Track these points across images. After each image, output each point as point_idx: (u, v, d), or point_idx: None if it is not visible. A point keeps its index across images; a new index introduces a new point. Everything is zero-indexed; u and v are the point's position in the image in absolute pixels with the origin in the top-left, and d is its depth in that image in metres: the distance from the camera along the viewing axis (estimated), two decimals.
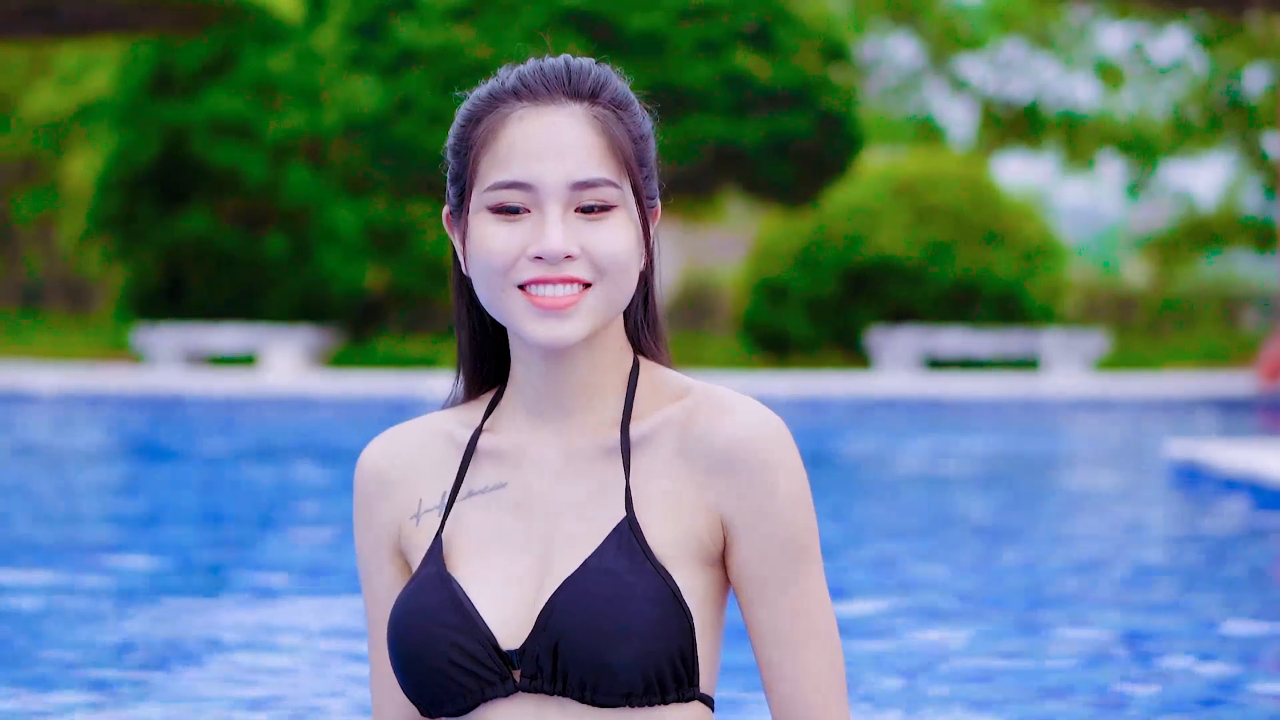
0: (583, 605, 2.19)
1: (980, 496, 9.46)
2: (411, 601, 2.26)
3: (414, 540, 2.33)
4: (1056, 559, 6.84)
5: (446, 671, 2.23)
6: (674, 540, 2.23)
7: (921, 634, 5.00)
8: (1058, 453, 12.73)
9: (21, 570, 6.31)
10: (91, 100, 29.94)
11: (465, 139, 2.26)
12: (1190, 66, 31.03)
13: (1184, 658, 4.68)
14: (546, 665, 2.20)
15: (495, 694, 2.23)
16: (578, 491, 2.28)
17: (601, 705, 2.20)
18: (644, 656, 2.18)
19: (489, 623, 2.24)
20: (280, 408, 14.91)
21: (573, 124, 2.21)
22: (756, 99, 18.27)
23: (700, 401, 2.28)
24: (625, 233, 2.21)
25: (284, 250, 23.03)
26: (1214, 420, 14.80)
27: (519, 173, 2.19)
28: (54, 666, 4.38)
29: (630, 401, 2.30)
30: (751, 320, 22.47)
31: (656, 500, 2.25)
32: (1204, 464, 9.12)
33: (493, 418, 2.36)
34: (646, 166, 2.27)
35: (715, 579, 2.27)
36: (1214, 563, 6.76)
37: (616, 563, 2.20)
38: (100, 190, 23.98)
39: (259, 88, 22.83)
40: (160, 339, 19.63)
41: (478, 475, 2.33)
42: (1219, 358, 23.03)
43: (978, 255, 21.55)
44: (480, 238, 2.21)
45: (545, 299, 2.19)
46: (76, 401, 15.76)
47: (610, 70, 2.29)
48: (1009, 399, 16.43)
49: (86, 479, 10.10)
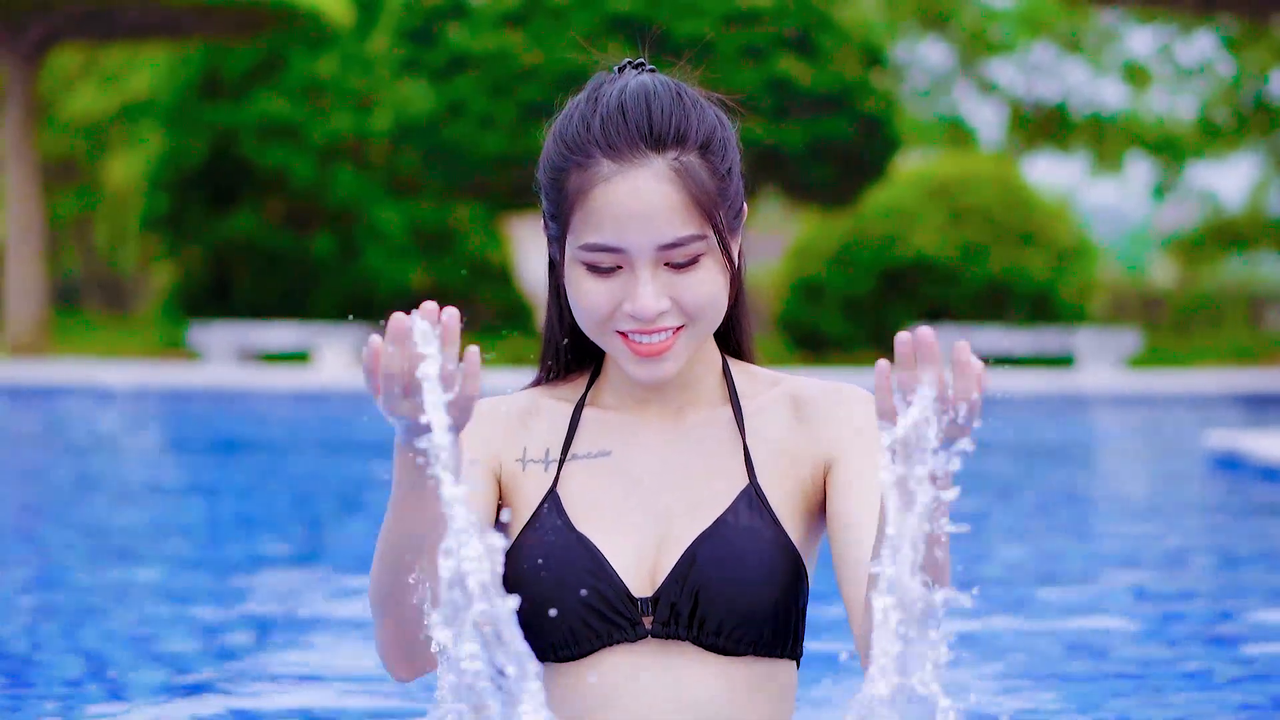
0: (725, 557, 2.34)
1: (1026, 486, 9.72)
2: (541, 550, 2.37)
3: (518, 485, 2.45)
4: (1106, 542, 7.17)
5: (581, 615, 2.34)
6: (786, 499, 2.40)
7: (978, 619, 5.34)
8: (1100, 445, 13.06)
9: (168, 557, 6.64)
10: (132, 101, 30.35)
11: (558, 187, 2.34)
12: (1217, 69, 31.15)
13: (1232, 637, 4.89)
14: (685, 611, 2.33)
15: (623, 638, 2.35)
16: (692, 460, 2.43)
17: (726, 653, 2.35)
18: (778, 607, 2.35)
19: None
20: (343, 403, 15.31)
21: (656, 186, 2.28)
22: (798, 103, 18.73)
23: (795, 383, 2.48)
24: (712, 278, 2.33)
25: (331, 250, 23.45)
26: (1246, 414, 15.06)
27: (609, 238, 2.29)
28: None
29: (732, 384, 2.48)
30: (788, 319, 22.88)
31: (770, 465, 2.42)
32: (1242, 453, 9.49)
33: (594, 391, 2.51)
34: (730, 199, 2.35)
35: (814, 530, 2.44)
36: (1257, 545, 7.10)
37: (751, 521, 2.36)
38: (150, 191, 24.37)
39: (306, 90, 23.25)
40: (214, 336, 19.95)
41: (582, 442, 2.46)
42: (1246, 356, 23.30)
43: (1011, 255, 21.98)
44: (578, 290, 2.33)
45: (643, 347, 2.33)
46: (149, 396, 16.16)
47: (689, 101, 2.35)
48: (1047, 394, 16.85)
49: (185, 468, 10.56)
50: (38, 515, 7.83)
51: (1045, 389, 17.07)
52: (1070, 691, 4.00)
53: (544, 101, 13.38)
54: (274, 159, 23.20)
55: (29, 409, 15.42)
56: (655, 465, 2.43)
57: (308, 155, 23.20)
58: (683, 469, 2.42)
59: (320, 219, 23.52)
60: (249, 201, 23.64)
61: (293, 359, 20.64)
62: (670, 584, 2.34)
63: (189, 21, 20.85)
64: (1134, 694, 3.99)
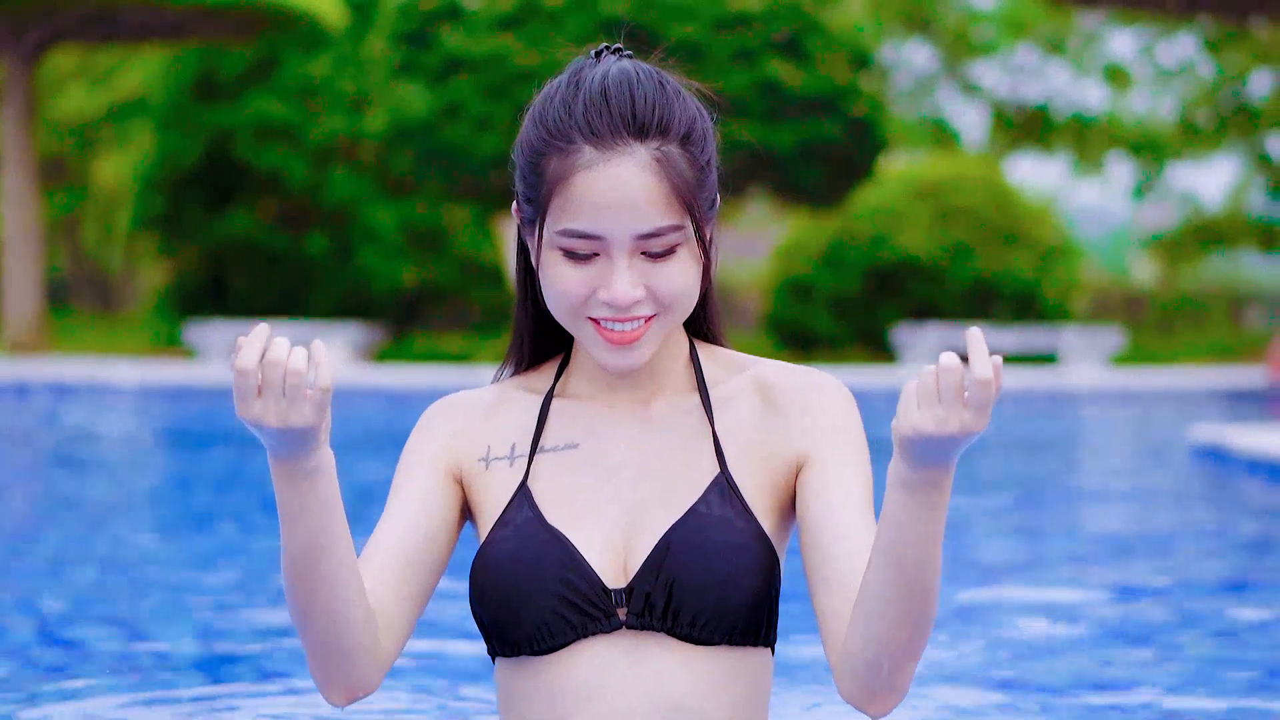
0: (699, 547, 2.31)
1: (1019, 478, 9.93)
2: (513, 543, 2.34)
3: (482, 481, 2.42)
4: (1094, 531, 7.39)
5: (556, 609, 2.31)
6: (757, 490, 2.37)
7: (969, 591, 5.38)
8: (1087, 439, 13.30)
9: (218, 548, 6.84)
10: (121, 102, 30.48)
11: (537, 170, 2.31)
12: (1197, 70, 31.32)
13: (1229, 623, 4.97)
14: (659, 602, 2.31)
15: (598, 630, 2.32)
16: (660, 449, 2.39)
17: (701, 643, 2.32)
18: (753, 597, 2.31)
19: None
20: (352, 398, 15.47)
21: (637, 174, 2.25)
22: (789, 105, 19.03)
23: (767, 368, 2.45)
24: (687, 268, 2.30)
25: (325, 249, 23.64)
26: (1228, 410, 15.28)
27: (588, 225, 2.26)
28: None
29: (700, 371, 2.44)
30: (777, 318, 23.15)
31: (740, 454, 2.38)
32: (1226, 447, 9.72)
33: (562, 382, 2.47)
34: (707, 190, 2.33)
35: (785, 521, 2.40)
36: (1239, 535, 7.31)
37: (723, 511, 2.33)
38: (143, 191, 24.54)
39: (300, 92, 23.46)
40: (211, 335, 20.13)
41: (549, 434, 2.42)
42: (1227, 354, 23.57)
43: (997, 255, 22.30)
44: (553, 275, 2.30)
45: (615, 334, 2.30)
46: (154, 394, 16.32)
47: (670, 90, 2.32)
48: (1035, 391, 17.13)
49: (205, 461, 10.78)
50: (56, 513, 7.91)
51: (1033, 385, 17.37)
52: (1060, 683, 3.97)
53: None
54: (269, 160, 23.39)
55: (36, 407, 15.53)
56: (625, 455, 2.40)
57: (302, 156, 23.40)
58: (653, 458, 2.39)
59: (315, 219, 23.72)
60: (244, 201, 23.83)
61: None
62: (644, 575, 2.32)
63: (188, 24, 21.05)
64: (1123, 688, 3.97)
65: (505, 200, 19.99)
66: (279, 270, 23.81)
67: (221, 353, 19.80)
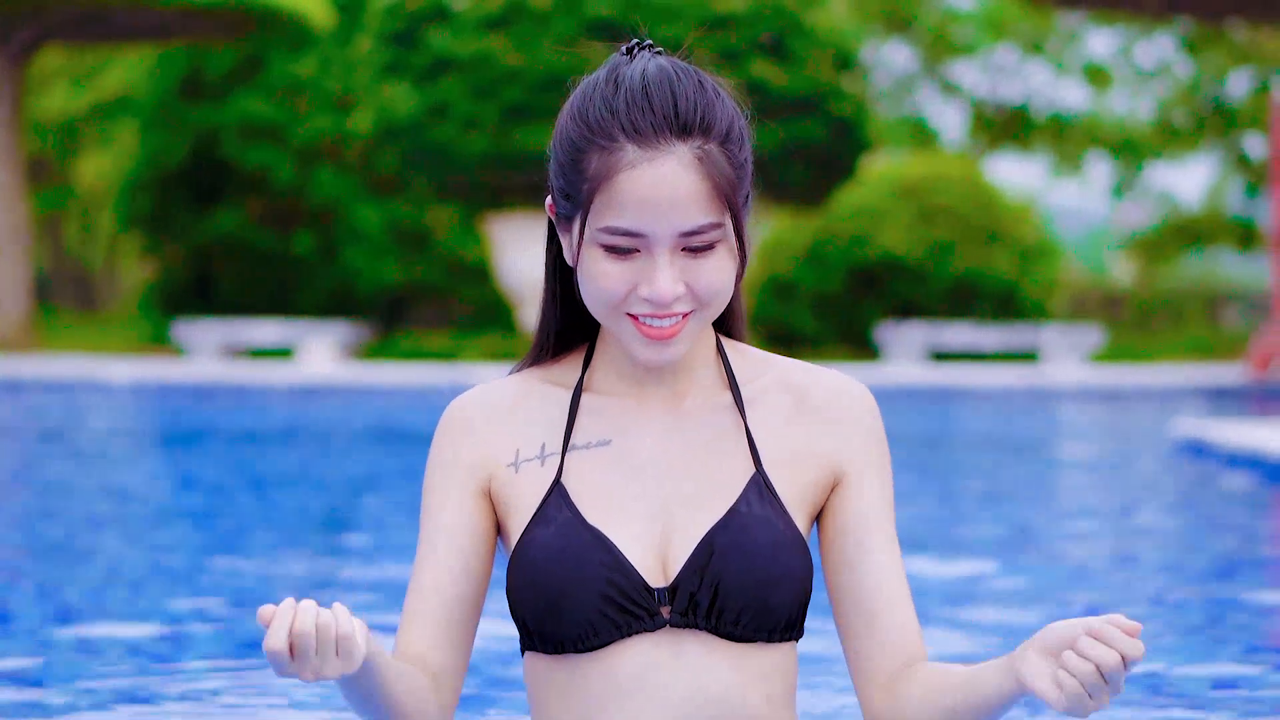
0: (742, 547, 2.34)
1: (1003, 473, 10.08)
2: (556, 543, 2.35)
3: (514, 487, 2.41)
4: (1079, 526, 7.47)
5: (600, 608, 2.32)
6: (790, 489, 2.40)
7: (955, 568, 5.49)
8: (1069, 435, 13.43)
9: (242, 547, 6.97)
10: (104, 101, 30.54)
11: (578, 167, 2.31)
12: (1175, 71, 31.53)
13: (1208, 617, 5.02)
14: (704, 602, 2.33)
15: (642, 629, 2.34)
16: (694, 447, 2.41)
17: (743, 640, 2.35)
18: (795, 596, 2.36)
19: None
20: (339, 396, 15.59)
21: (680, 172, 2.27)
22: (773, 106, 19.19)
23: (790, 367, 2.47)
24: (726, 264, 2.32)
25: (312, 248, 23.76)
26: (1208, 406, 15.43)
27: (631, 222, 2.27)
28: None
29: (729, 367, 2.46)
30: (760, 316, 23.29)
31: (774, 455, 2.41)
32: (1208, 441, 9.89)
33: (588, 377, 2.46)
34: (744, 188, 2.34)
35: (811, 524, 2.43)
36: (1220, 528, 7.42)
37: (763, 510, 2.36)
38: (129, 190, 24.64)
39: (286, 92, 23.58)
40: (198, 333, 20.21)
41: (580, 431, 2.42)
42: (1205, 352, 23.76)
43: (977, 254, 22.49)
44: (594, 271, 2.31)
45: (654, 330, 2.31)
46: (146, 391, 16.43)
47: (710, 89, 2.32)
48: (1016, 388, 17.31)
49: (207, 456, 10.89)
50: (62, 509, 7.93)
51: (1014, 383, 17.56)
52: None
53: (526, 103, 14.04)
54: (255, 159, 23.51)
55: (29, 403, 15.57)
56: (658, 452, 2.40)
57: (289, 156, 23.52)
58: (687, 456, 2.40)
59: (301, 218, 23.84)
60: (231, 201, 23.94)
61: (276, 355, 20.94)
62: (687, 574, 2.33)
63: (176, 23, 21.17)
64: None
65: (492, 199, 20.14)
66: (265, 269, 23.92)
67: (209, 351, 19.87)
